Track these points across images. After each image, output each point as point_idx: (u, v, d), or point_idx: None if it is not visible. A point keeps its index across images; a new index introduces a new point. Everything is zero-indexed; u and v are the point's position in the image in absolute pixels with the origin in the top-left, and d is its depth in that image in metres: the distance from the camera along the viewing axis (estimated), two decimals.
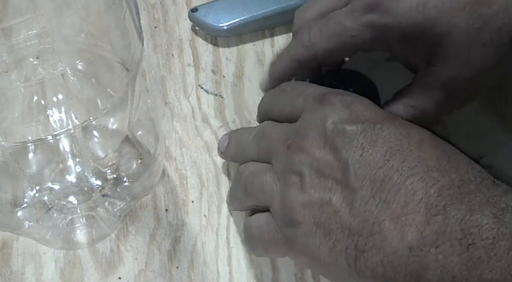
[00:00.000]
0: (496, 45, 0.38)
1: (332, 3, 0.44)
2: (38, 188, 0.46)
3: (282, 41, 0.56)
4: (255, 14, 0.56)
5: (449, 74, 0.40)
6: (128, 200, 0.46)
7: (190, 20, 0.57)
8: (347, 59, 0.48)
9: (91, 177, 0.47)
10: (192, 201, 0.48)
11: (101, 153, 0.48)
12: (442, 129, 0.51)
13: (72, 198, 0.46)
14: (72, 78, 0.44)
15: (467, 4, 0.38)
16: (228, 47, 0.56)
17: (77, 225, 0.46)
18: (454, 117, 0.51)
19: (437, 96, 0.41)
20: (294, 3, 0.56)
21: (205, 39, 0.57)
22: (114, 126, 0.47)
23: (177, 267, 0.45)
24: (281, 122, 0.42)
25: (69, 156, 0.47)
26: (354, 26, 0.41)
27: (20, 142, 0.44)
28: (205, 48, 0.56)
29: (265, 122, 0.44)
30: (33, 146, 0.46)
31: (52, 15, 0.39)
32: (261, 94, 0.53)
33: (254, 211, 0.42)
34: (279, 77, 0.47)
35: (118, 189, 0.47)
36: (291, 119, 0.41)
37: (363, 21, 0.40)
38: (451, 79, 0.40)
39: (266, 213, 0.40)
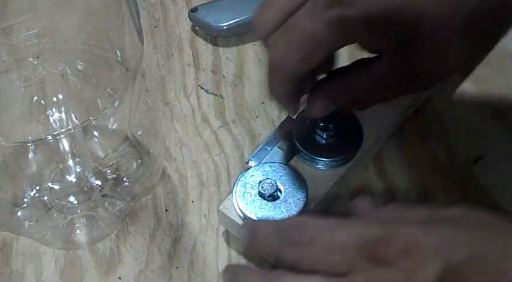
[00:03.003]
0: (465, 32, 0.36)
1: (290, 1, 0.39)
2: (38, 188, 0.46)
3: None
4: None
5: (414, 61, 0.38)
6: (128, 200, 0.46)
7: (190, 20, 0.57)
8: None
9: (91, 177, 0.47)
10: (192, 201, 0.48)
11: (100, 153, 0.48)
12: (442, 130, 0.51)
13: (72, 198, 0.46)
14: (72, 78, 0.44)
15: None
16: (228, 47, 0.56)
17: (77, 225, 0.46)
18: (453, 117, 0.51)
19: (396, 82, 0.39)
20: None
21: (205, 39, 0.57)
22: (114, 126, 0.47)
23: (177, 267, 0.45)
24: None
25: (69, 156, 0.47)
26: (319, 27, 0.37)
27: (20, 142, 0.44)
28: (205, 48, 0.56)
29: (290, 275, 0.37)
30: (33, 146, 0.46)
31: (52, 15, 0.39)
32: (261, 94, 0.53)
33: None
34: (287, 100, 0.43)
35: (118, 189, 0.47)
36: (330, 275, 0.35)
37: (327, 18, 0.37)
38: (417, 66, 0.38)
39: None
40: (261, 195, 0.43)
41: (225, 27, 0.56)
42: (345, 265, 0.35)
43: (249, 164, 0.46)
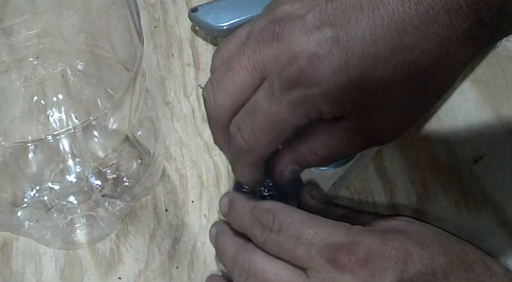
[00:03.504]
0: (423, 90, 0.37)
1: (246, 81, 0.38)
2: (38, 188, 0.46)
3: None
4: (254, 14, 0.56)
5: (376, 122, 0.38)
6: (128, 200, 0.46)
7: (190, 20, 0.57)
8: None
9: (91, 177, 0.47)
10: (192, 201, 0.48)
11: (101, 153, 0.48)
12: (442, 130, 0.51)
13: (72, 198, 0.46)
14: (72, 78, 0.44)
15: (389, 55, 0.35)
16: None
17: (77, 225, 0.46)
18: (453, 117, 0.51)
19: (357, 139, 0.39)
20: None
21: (205, 39, 0.57)
22: (114, 126, 0.47)
23: (177, 267, 0.45)
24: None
25: (69, 156, 0.47)
26: (282, 109, 0.37)
27: (20, 142, 0.44)
28: (205, 48, 0.56)
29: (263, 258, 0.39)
30: (33, 146, 0.46)
31: (52, 15, 0.39)
32: None
33: None
34: (257, 180, 0.42)
35: (118, 189, 0.47)
36: (293, 266, 0.38)
37: (290, 100, 0.36)
38: (376, 126, 0.39)
39: None
40: (259, 194, 0.43)
41: (225, 27, 0.56)
42: (307, 261, 0.37)
43: None
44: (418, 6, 0.34)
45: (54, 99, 0.45)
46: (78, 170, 0.47)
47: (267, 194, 0.44)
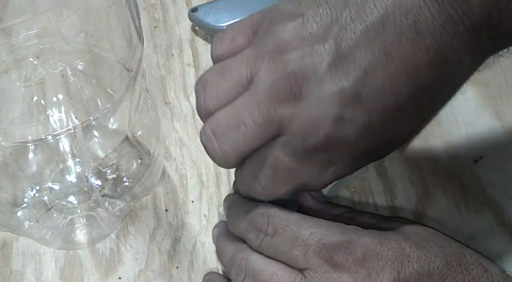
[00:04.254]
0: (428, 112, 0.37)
1: (254, 135, 0.36)
2: (38, 188, 0.46)
3: None
4: None
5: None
6: (128, 200, 0.47)
7: (190, 20, 0.57)
8: None
9: (91, 177, 0.47)
10: (192, 201, 0.48)
11: (101, 153, 0.48)
12: (442, 130, 0.51)
13: (72, 198, 0.46)
14: (72, 78, 0.44)
15: (406, 101, 0.34)
16: None
17: (77, 225, 0.46)
18: (453, 118, 0.51)
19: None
20: None
21: (205, 39, 0.57)
22: (114, 126, 0.47)
23: (177, 267, 0.45)
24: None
25: (69, 156, 0.47)
26: (306, 169, 0.37)
27: (20, 142, 0.44)
28: (205, 48, 0.56)
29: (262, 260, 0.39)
30: (33, 146, 0.46)
31: (52, 15, 0.39)
32: None
33: None
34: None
35: (118, 189, 0.47)
36: (290, 267, 0.38)
37: (314, 162, 0.36)
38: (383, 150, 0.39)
39: None
40: None
41: (225, 27, 0.56)
42: (304, 262, 0.37)
43: None
44: (428, 50, 0.33)
45: (54, 99, 0.45)
46: (78, 170, 0.47)
47: None
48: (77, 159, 0.47)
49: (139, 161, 0.48)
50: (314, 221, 0.39)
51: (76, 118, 0.44)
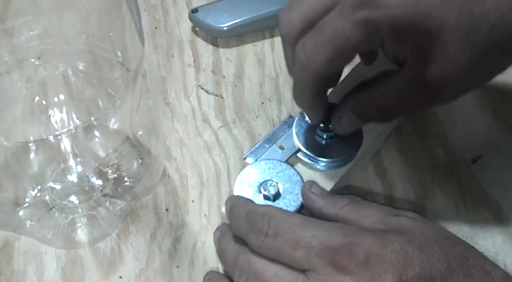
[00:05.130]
0: (485, 46, 0.37)
1: (319, 3, 0.40)
2: (39, 187, 0.47)
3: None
4: (255, 14, 0.56)
5: (435, 71, 0.39)
6: (129, 199, 0.47)
7: (191, 21, 0.57)
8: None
9: (92, 177, 0.47)
10: (193, 201, 0.48)
11: (101, 153, 0.48)
12: (441, 130, 0.51)
13: (73, 198, 0.47)
14: (73, 78, 0.44)
15: (459, 1, 0.37)
16: (228, 47, 0.57)
17: (78, 225, 0.46)
18: (452, 117, 0.51)
19: (416, 92, 0.40)
20: None
21: (205, 39, 0.57)
22: (115, 127, 0.48)
23: (178, 267, 0.45)
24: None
25: (71, 156, 0.47)
26: (347, 27, 0.38)
27: (22, 142, 0.44)
28: (205, 49, 0.57)
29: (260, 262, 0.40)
30: (34, 146, 0.46)
31: (53, 16, 0.39)
32: (261, 94, 0.54)
33: None
34: (313, 108, 0.44)
35: (119, 189, 0.47)
36: (292, 268, 0.39)
37: (356, 19, 0.38)
38: (435, 77, 0.39)
39: None
40: (264, 196, 0.44)
41: (225, 28, 0.56)
42: (306, 263, 0.37)
43: (246, 160, 0.46)
44: None
45: (56, 99, 0.45)
46: (79, 169, 0.47)
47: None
48: (78, 159, 0.47)
49: (140, 160, 0.48)
50: (316, 223, 0.39)
51: (77, 118, 0.45)
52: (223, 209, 0.44)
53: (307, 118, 0.47)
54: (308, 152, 0.46)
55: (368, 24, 0.38)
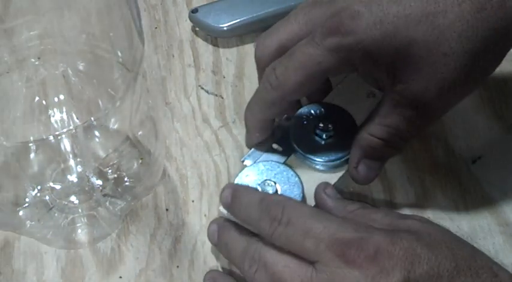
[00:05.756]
0: (457, 54, 0.38)
1: (294, 32, 0.43)
2: (39, 187, 0.47)
3: None
4: (255, 14, 0.56)
5: (415, 88, 0.40)
6: (129, 199, 0.47)
7: (191, 21, 0.57)
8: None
9: (92, 177, 0.47)
10: (193, 201, 0.48)
11: (102, 153, 0.48)
12: (441, 130, 0.51)
13: (73, 198, 0.47)
14: (73, 78, 0.44)
15: (422, 17, 0.38)
16: (228, 47, 0.57)
17: (78, 225, 0.46)
18: (452, 118, 0.51)
19: (407, 113, 0.41)
20: (294, 4, 0.56)
21: (205, 40, 0.57)
22: (115, 126, 0.48)
23: (178, 267, 0.45)
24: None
25: (71, 156, 0.47)
26: (318, 52, 0.41)
27: (22, 142, 0.44)
28: (205, 49, 0.57)
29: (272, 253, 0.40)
30: (34, 146, 0.47)
31: (53, 16, 0.39)
32: None
33: None
34: (257, 126, 0.47)
35: (119, 189, 0.47)
36: (301, 259, 0.39)
37: (326, 45, 0.40)
38: (417, 93, 0.40)
39: None
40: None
41: (225, 28, 0.56)
42: (315, 255, 0.37)
43: (245, 163, 0.46)
44: None
45: (56, 99, 0.45)
46: (79, 169, 0.47)
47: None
48: (78, 159, 0.47)
49: (140, 160, 0.48)
50: (327, 216, 0.39)
51: (77, 118, 0.45)
52: (221, 208, 0.44)
53: (304, 118, 0.47)
54: (307, 153, 0.46)
55: (339, 51, 0.40)
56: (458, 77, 0.40)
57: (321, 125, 0.46)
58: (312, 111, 0.47)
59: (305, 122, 0.47)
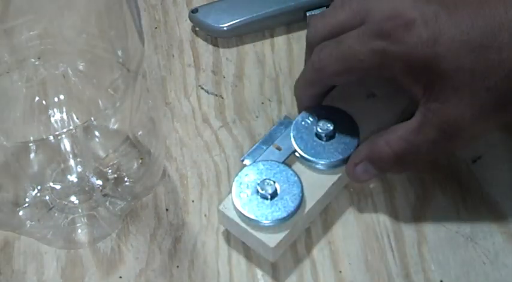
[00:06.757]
0: (500, 91, 0.38)
1: (347, 19, 0.43)
2: (39, 187, 0.47)
3: (281, 41, 0.57)
4: (255, 14, 0.56)
5: (451, 111, 0.40)
6: (129, 199, 0.47)
7: (191, 21, 0.57)
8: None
9: (92, 177, 0.47)
10: (193, 201, 0.48)
11: (101, 153, 0.48)
12: None
13: (73, 198, 0.47)
14: (73, 78, 0.44)
15: (476, 47, 0.38)
16: (228, 47, 0.57)
17: (78, 225, 0.46)
18: None
19: (433, 134, 0.41)
20: (294, 4, 0.56)
21: (205, 39, 0.57)
22: (115, 126, 0.48)
23: (178, 267, 0.45)
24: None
25: (70, 156, 0.47)
26: (363, 50, 0.41)
27: (22, 142, 0.44)
28: (205, 49, 0.57)
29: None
30: (34, 146, 0.47)
31: (53, 16, 0.39)
32: (261, 94, 0.54)
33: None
34: (303, 102, 0.48)
35: (119, 189, 0.47)
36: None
37: (373, 47, 0.40)
38: (451, 117, 0.40)
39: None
40: (261, 195, 0.44)
41: (225, 28, 0.56)
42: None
43: (244, 162, 0.46)
44: None
45: (56, 99, 0.45)
46: (79, 169, 0.48)
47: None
48: (78, 159, 0.47)
49: (140, 160, 0.48)
50: None
51: (77, 118, 0.45)
52: (221, 207, 0.44)
53: (305, 118, 0.47)
54: (306, 153, 0.46)
55: (383, 55, 0.40)
56: (494, 113, 0.40)
57: (321, 125, 0.46)
58: (312, 111, 0.47)
59: (305, 122, 0.47)
